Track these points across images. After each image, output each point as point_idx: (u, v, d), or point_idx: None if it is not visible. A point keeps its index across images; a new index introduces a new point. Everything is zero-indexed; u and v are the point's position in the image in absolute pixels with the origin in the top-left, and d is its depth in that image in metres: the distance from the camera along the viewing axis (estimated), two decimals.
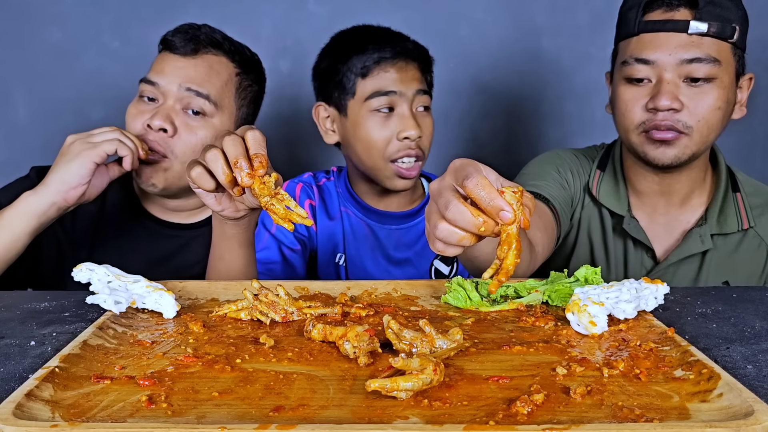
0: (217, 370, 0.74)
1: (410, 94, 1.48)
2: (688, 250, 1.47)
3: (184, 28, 1.49)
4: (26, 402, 0.63)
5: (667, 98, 1.33)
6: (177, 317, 0.92)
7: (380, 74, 1.48)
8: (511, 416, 0.63)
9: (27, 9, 2.04)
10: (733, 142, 2.16)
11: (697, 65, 1.34)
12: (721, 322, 0.96)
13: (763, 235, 1.49)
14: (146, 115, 1.44)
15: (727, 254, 1.49)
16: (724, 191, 1.50)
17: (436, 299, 1.02)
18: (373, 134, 1.48)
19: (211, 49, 1.49)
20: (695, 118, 1.35)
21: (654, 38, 1.36)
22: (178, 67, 1.46)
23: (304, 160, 2.13)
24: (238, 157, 0.94)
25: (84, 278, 0.92)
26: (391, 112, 1.48)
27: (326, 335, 0.81)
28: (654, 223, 1.52)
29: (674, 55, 1.34)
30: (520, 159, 2.23)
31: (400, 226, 1.58)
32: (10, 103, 2.08)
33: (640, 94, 1.38)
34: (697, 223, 1.49)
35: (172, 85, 1.45)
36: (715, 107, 1.36)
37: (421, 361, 0.68)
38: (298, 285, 1.07)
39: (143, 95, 1.47)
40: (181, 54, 1.46)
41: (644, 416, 0.63)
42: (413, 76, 1.49)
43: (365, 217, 1.58)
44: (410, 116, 1.47)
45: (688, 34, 1.33)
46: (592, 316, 0.85)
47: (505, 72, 2.16)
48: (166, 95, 1.45)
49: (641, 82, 1.38)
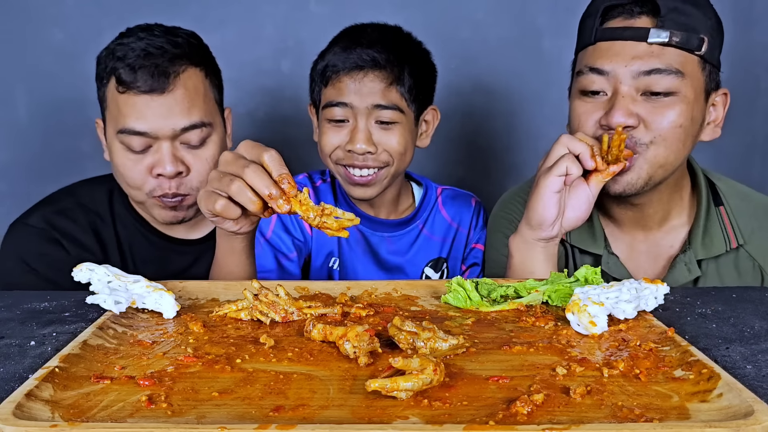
0: (217, 370, 0.74)
1: (363, 107, 1.40)
2: (675, 281, 1.33)
3: (139, 63, 1.34)
4: (26, 402, 0.63)
5: (621, 114, 1.20)
6: (177, 317, 0.92)
7: (336, 84, 1.42)
8: (511, 416, 0.63)
9: (28, 9, 2.05)
10: (732, 143, 2.16)
11: (657, 77, 1.21)
12: (720, 322, 0.96)
13: (756, 256, 1.35)
14: (145, 163, 1.37)
15: (719, 279, 1.36)
16: (706, 209, 1.36)
17: (436, 299, 1.02)
18: (323, 140, 1.45)
19: (178, 68, 1.36)
20: (651, 134, 1.22)
21: (610, 47, 1.24)
22: (161, 105, 1.34)
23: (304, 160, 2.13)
24: (269, 188, 0.94)
25: (84, 278, 0.92)
26: (345, 123, 1.43)
27: (326, 335, 0.81)
28: (635, 251, 1.40)
29: (630, 65, 1.21)
30: (521, 160, 2.23)
31: (392, 233, 1.57)
32: (10, 103, 2.08)
33: (594, 108, 1.26)
34: (681, 249, 1.36)
35: (163, 129, 1.35)
36: (676, 124, 1.22)
37: (421, 361, 0.68)
38: (298, 285, 1.07)
39: (131, 147, 1.36)
40: (156, 93, 1.34)
41: (644, 416, 0.63)
42: (371, 89, 1.40)
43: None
44: (360, 130, 1.40)
45: (648, 43, 1.21)
46: (592, 316, 0.85)
47: (506, 72, 2.16)
48: (159, 138, 1.36)
49: (596, 95, 1.26)
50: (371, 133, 1.41)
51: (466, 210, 1.62)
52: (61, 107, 2.08)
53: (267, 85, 2.12)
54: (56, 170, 2.07)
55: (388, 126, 1.42)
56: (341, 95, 1.42)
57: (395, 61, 1.43)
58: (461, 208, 1.62)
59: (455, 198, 1.63)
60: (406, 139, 1.45)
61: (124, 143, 1.37)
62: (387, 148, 1.42)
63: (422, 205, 1.59)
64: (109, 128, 1.41)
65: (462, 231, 1.60)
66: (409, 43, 1.51)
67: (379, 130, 1.42)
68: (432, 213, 1.60)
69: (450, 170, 2.21)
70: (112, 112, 1.39)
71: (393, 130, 1.43)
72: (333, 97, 1.43)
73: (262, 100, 2.13)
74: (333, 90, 1.43)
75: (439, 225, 1.60)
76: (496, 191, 2.16)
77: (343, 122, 1.43)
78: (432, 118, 1.55)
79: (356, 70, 1.41)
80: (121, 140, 1.37)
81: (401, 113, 1.43)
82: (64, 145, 2.08)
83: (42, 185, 2.09)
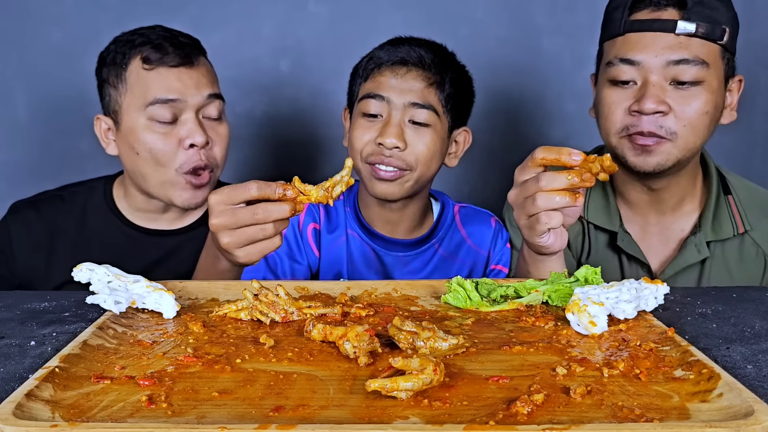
0: (217, 370, 0.74)
1: (400, 103, 1.38)
2: (685, 261, 1.43)
3: (166, 42, 1.43)
4: (26, 402, 0.63)
5: (652, 101, 1.29)
6: (177, 317, 0.92)
7: (376, 78, 1.42)
8: (511, 416, 0.63)
9: (27, 9, 2.04)
10: (733, 142, 2.16)
11: (685, 67, 1.29)
12: (721, 322, 0.96)
13: (760, 243, 1.45)
14: (174, 135, 1.43)
15: (724, 262, 1.45)
16: (716, 196, 1.45)
17: (436, 299, 1.02)
18: (354, 134, 1.42)
19: (197, 52, 1.48)
20: (681, 122, 1.31)
21: (640, 38, 1.31)
22: (190, 77, 1.43)
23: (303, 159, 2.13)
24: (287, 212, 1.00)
25: (84, 278, 0.92)
26: (379, 118, 1.41)
27: (326, 335, 0.81)
28: (647, 233, 1.48)
29: (661, 56, 1.29)
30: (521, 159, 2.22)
31: (407, 253, 1.51)
32: (10, 102, 2.08)
33: (625, 97, 1.33)
34: (691, 232, 1.45)
35: (194, 95, 1.43)
36: (703, 111, 1.31)
37: (421, 361, 0.68)
38: (298, 285, 1.07)
39: (160, 118, 1.42)
40: (186, 66, 1.43)
41: (644, 416, 0.63)
42: (411, 86, 1.39)
43: (371, 241, 1.50)
44: (393, 125, 1.38)
45: (675, 35, 1.29)
46: (592, 316, 0.85)
47: (506, 72, 2.16)
48: (187, 108, 1.43)
49: (626, 84, 1.33)
50: (404, 130, 1.39)
51: (487, 230, 1.55)
52: (61, 107, 2.07)
53: (265, 84, 2.12)
54: (55, 170, 2.07)
55: (421, 127, 1.40)
56: (380, 88, 1.40)
57: (440, 64, 1.43)
58: (481, 228, 1.55)
59: (474, 216, 1.57)
60: (436, 145, 1.42)
61: (153, 116, 1.42)
62: (415, 150, 1.39)
63: (439, 224, 1.54)
64: (131, 110, 1.43)
65: (482, 253, 1.54)
66: (453, 59, 1.50)
67: (411, 129, 1.40)
68: (449, 232, 1.54)
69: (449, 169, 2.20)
70: (136, 92, 1.43)
71: (425, 133, 1.40)
72: (371, 89, 1.41)
73: (261, 99, 2.13)
74: (372, 83, 1.42)
75: (456, 245, 1.54)
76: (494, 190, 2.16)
77: (376, 117, 1.41)
78: (464, 140, 1.52)
79: (400, 65, 1.41)
80: (150, 114, 1.42)
81: (436, 116, 1.41)
82: (64, 144, 2.08)
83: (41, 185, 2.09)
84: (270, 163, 2.11)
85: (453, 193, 2.15)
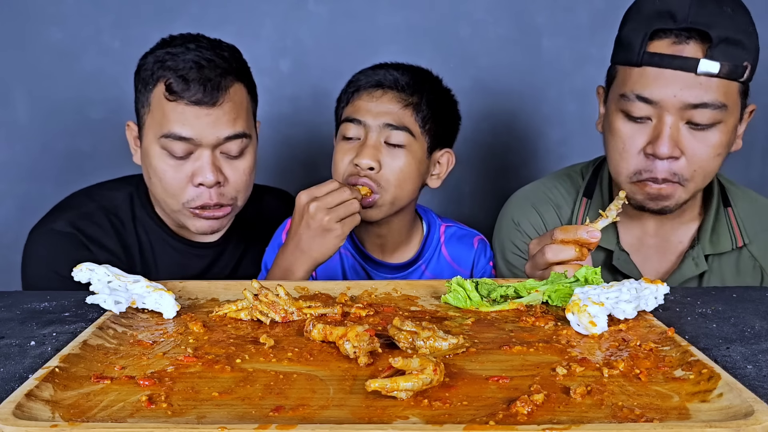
0: (217, 370, 0.74)
1: (376, 125, 1.41)
2: (683, 275, 1.39)
3: (192, 75, 1.34)
4: (26, 402, 0.63)
5: (667, 147, 1.24)
6: (177, 317, 0.92)
7: (355, 102, 1.45)
8: (511, 416, 0.63)
9: (27, 9, 2.04)
10: None
11: (702, 111, 1.23)
12: (721, 322, 0.96)
13: (757, 256, 1.41)
14: (185, 171, 1.37)
15: (721, 275, 1.41)
16: (716, 208, 1.42)
17: (436, 299, 1.02)
18: (335, 157, 1.46)
19: (227, 83, 1.37)
20: (692, 167, 1.27)
21: (659, 75, 1.24)
22: (208, 116, 1.35)
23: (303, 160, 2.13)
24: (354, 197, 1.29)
25: (84, 278, 0.92)
26: (357, 141, 1.43)
27: (326, 335, 0.81)
28: (645, 245, 1.44)
29: (679, 96, 1.23)
30: (520, 159, 2.23)
31: (395, 275, 1.54)
32: (10, 103, 2.08)
33: (639, 133, 1.28)
34: (690, 245, 1.42)
35: (208, 137, 1.35)
36: (715, 154, 1.27)
37: (421, 361, 0.68)
38: (298, 285, 1.07)
39: (173, 153, 1.36)
40: (206, 106, 1.35)
41: (644, 416, 0.63)
42: (387, 108, 1.41)
43: (362, 261, 1.54)
44: (368, 146, 1.40)
45: (696, 74, 1.22)
46: (592, 316, 0.85)
47: (506, 72, 2.15)
48: (202, 146, 1.36)
49: (640, 119, 1.28)
50: (379, 151, 1.41)
51: (467, 251, 1.57)
52: (61, 107, 2.07)
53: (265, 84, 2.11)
54: (55, 170, 2.07)
55: (396, 149, 1.41)
56: (357, 112, 1.43)
57: (415, 87, 1.44)
58: (462, 250, 1.57)
59: (459, 239, 1.59)
60: (411, 167, 1.43)
61: (166, 148, 1.36)
62: (389, 170, 1.41)
63: (425, 246, 1.56)
64: (149, 132, 1.39)
65: (463, 272, 1.56)
66: (435, 82, 1.51)
67: (387, 150, 1.41)
68: (435, 254, 1.57)
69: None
70: (155, 117, 1.38)
71: (399, 154, 1.42)
72: (350, 113, 1.44)
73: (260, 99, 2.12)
74: (351, 107, 1.45)
75: (441, 267, 1.56)
76: (494, 190, 2.16)
77: (355, 140, 1.43)
78: (446, 161, 1.53)
79: (375, 87, 1.43)
80: (163, 145, 1.36)
81: (412, 137, 1.42)
82: (63, 144, 2.08)
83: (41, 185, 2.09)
84: (270, 163, 2.11)
85: (454, 194, 2.15)
